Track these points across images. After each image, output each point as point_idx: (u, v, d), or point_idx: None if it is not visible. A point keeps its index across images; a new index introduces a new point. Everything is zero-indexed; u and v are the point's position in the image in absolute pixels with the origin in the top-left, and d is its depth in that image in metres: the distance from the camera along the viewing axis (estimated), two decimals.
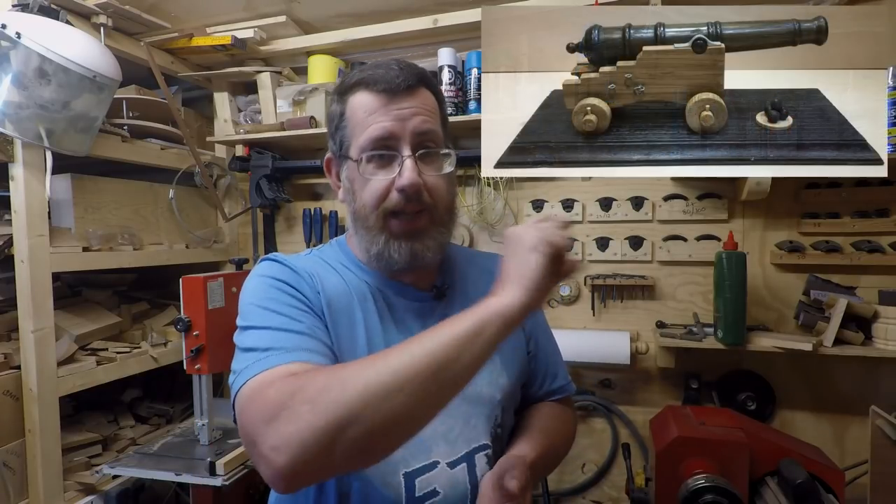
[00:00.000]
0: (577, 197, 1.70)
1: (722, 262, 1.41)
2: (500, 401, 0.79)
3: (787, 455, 1.18)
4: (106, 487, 1.49)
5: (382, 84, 0.70)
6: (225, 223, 2.01)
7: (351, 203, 0.76)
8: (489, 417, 0.77)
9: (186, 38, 1.72)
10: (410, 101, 0.71)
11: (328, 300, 0.73)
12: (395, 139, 0.70)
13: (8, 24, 1.21)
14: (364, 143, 0.71)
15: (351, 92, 0.74)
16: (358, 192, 0.73)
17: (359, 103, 0.72)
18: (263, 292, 0.71)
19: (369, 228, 0.73)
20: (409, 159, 0.70)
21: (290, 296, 0.70)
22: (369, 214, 0.73)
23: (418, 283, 0.80)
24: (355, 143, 0.72)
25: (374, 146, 0.70)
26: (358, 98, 0.72)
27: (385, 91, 0.70)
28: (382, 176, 0.71)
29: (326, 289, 0.75)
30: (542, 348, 0.92)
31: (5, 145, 1.30)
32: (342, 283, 0.77)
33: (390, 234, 0.73)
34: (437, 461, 0.72)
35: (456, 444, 0.74)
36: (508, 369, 0.82)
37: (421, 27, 1.65)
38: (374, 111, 0.71)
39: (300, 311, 0.69)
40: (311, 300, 0.71)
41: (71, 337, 1.47)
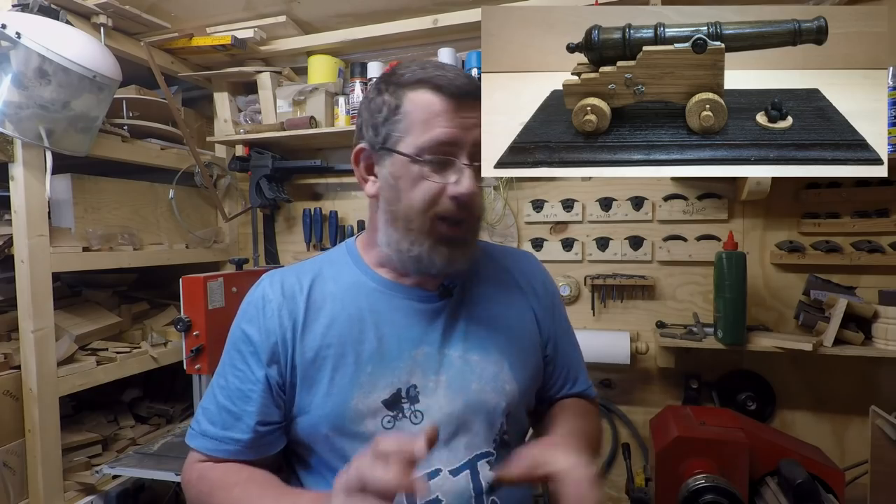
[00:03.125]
0: (577, 197, 1.70)
1: (722, 262, 1.41)
2: (506, 408, 0.77)
3: (787, 455, 1.18)
4: (106, 487, 1.49)
5: (453, 89, 0.70)
6: (225, 223, 2.01)
7: (391, 201, 0.73)
8: (492, 425, 0.76)
9: (186, 38, 1.72)
10: (472, 111, 0.71)
11: (316, 314, 0.76)
12: (457, 146, 0.70)
13: (8, 24, 1.21)
14: (426, 143, 0.70)
15: (412, 88, 0.72)
16: (405, 190, 0.71)
17: (423, 101, 0.70)
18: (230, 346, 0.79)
19: (411, 230, 0.72)
20: (469, 168, 0.70)
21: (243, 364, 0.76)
22: (416, 216, 0.71)
23: (425, 284, 0.80)
24: (411, 141, 0.70)
25: (437, 150, 0.70)
26: (422, 96, 0.71)
27: (454, 97, 0.70)
28: (437, 179, 0.70)
29: (321, 301, 0.77)
30: (562, 351, 0.90)
31: (5, 145, 1.30)
32: (347, 288, 0.78)
33: (437, 239, 0.72)
34: (438, 469, 0.71)
35: (457, 452, 0.73)
36: (518, 375, 0.80)
37: (421, 27, 1.65)
38: (439, 114, 0.70)
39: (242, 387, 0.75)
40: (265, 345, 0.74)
41: (71, 337, 1.47)
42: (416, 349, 0.76)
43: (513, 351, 0.80)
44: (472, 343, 0.78)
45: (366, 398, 0.72)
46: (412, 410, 0.73)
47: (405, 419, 0.73)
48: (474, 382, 0.76)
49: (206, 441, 0.75)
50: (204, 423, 0.76)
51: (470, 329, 0.79)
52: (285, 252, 2.02)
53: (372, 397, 0.73)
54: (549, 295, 0.91)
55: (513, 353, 0.80)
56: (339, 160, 1.93)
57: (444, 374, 0.75)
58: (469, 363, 0.77)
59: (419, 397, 0.74)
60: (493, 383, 0.77)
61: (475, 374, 0.76)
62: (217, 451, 0.75)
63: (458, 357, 0.77)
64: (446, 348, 0.77)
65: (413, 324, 0.77)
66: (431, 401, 0.74)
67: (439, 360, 0.76)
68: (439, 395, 0.74)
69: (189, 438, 0.78)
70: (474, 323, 0.80)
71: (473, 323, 0.80)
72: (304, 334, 0.75)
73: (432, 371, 0.75)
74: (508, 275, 0.88)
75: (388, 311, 0.77)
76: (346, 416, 0.72)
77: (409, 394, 0.74)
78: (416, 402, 0.74)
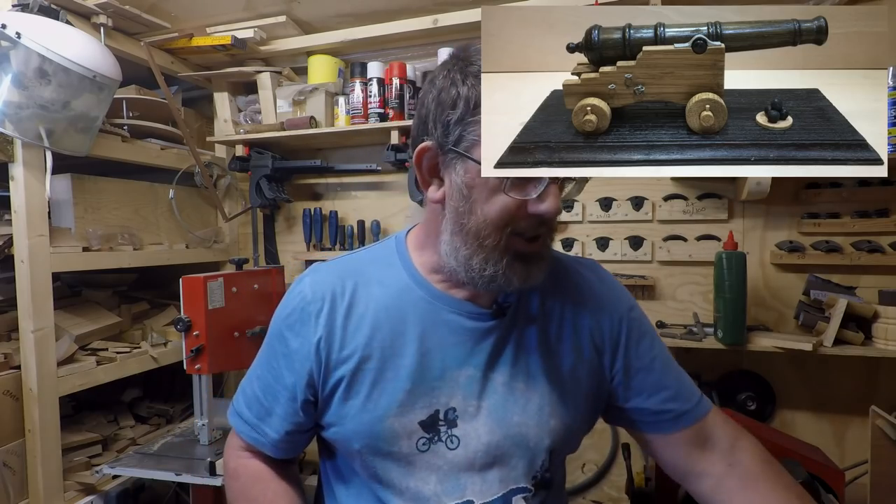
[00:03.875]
0: (577, 197, 1.70)
1: (722, 262, 1.41)
2: (550, 446, 0.71)
3: (787, 455, 1.18)
4: (106, 487, 1.49)
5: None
6: (225, 223, 2.01)
7: (462, 212, 0.65)
8: (532, 461, 0.71)
9: (186, 38, 1.72)
10: None
11: (359, 321, 0.72)
12: None
13: (8, 24, 1.21)
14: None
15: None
16: (479, 202, 0.63)
17: None
18: (271, 338, 0.78)
19: (484, 246, 0.65)
20: (555, 186, 0.63)
21: (277, 363, 0.76)
22: (492, 232, 0.64)
23: (477, 298, 0.73)
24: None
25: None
26: None
27: None
28: (517, 194, 0.62)
29: (365, 305, 0.72)
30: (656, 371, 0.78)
31: (5, 145, 1.30)
32: (392, 294, 0.73)
33: (514, 256, 0.65)
34: (471, 500, 0.68)
35: (492, 484, 0.69)
36: (567, 412, 0.73)
37: (421, 27, 1.65)
38: None
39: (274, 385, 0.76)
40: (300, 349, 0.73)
41: (71, 337, 1.47)
42: (459, 370, 0.71)
43: (564, 383, 0.74)
44: (520, 369, 0.72)
45: (402, 417, 0.69)
46: (448, 435, 0.69)
47: (441, 443, 0.69)
48: (517, 415, 0.71)
49: (243, 425, 0.79)
50: (241, 404, 0.80)
51: (520, 354, 0.73)
52: (285, 252, 2.02)
53: (409, 417, 0.69)
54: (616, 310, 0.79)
55: (564, 386, 0.73)
56: (339, 160, 1.94)
57: (486, 401, 0.70)
58: (514, 392, 0.71)
59: (457, 421, 0.70)
60: (536, 417, 0.71)
61: (518, 406, 0.71)
62: (251, 439, 0.78)
63: (503, 384, 0.71)
64: (491, 372, 0.71)
65: (460, 342, 0.71)
66: (470, 427, 0.70)
67: (482, 385, 0.71)
68: (479, 422, 0.70)
69: (230, 415, 0.82)
70: (525, 348, 0.73)
71: (524, 348, 0.73)
72: (344, 343, 0.71)
73: (473, 396, 0.70)
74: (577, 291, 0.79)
75: (435, 325, 0.71)
76: (380, 436, 0.69)
77: (447, 417, 0.70)
78: (453, 426, 0.70)
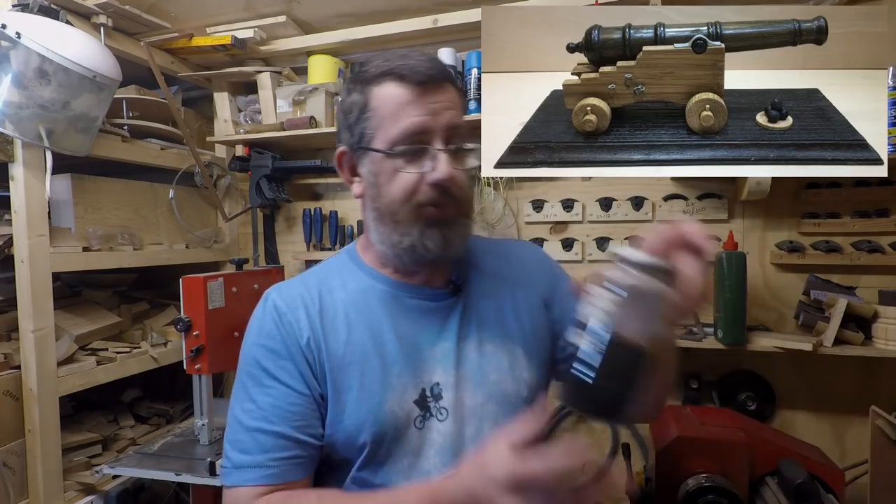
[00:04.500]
0: (577, 197, 1.70)
1: (722, 262, 1.41)
2: (527, 397, 0.77)
3: (787, 455, 1.18)
4: (106, 487, 1.49)
5: (416, 76, 0.69)
6: (225, 223, 2.01)
7: (375, 198, 0.73)
8: (514, 415, 0.72)
9: (186, 38, 1.72)
10: (442, 94, 0.70)
11: (333, 321, 0.74)
12: (429, 133, 0.69)
13: (8, 24, 1.21)
14: (396, 135, 0.69)
15: (377, 82, 0.71)
16: (384, 185, 0.71)
17: (388, 94, 0.70)
18: (250, 368, 0.74)
19: (399, 222, 0.71)
20: (444, 153, 0.69)
21: (271, 380, 0.72)
22: (399, 208, 0.70)
23: (432, 281, 0.78)
24: (383, 136, 0.70)
25: (408, 140, 0.69)
26: (387, 89, 0.70)
27: (419, 83, 0.69)
28: (413, 169, 0.69)
29: (334, 308, 0.75)
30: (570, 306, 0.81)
31: (5, 145, 1.30)
32: (357, 293, 0.77)
33: (425, 223, 0.71)
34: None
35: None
36: (533, 360, 0.79)
37: (421, 27, 1.65)
38: (406, 103, 0.69)
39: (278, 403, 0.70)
40: (291, 353, 0.72)
41: (71, 337, 1.47)
42: (434, 347, 0.75)
43: (525, 338, 0.80)
44: (486, 334, 0.78)
45: (399, 400, 0.72)
46: (437, 408, 0.73)
47: (432, 418, 0.73)
48: (493, 373, 0.76)
49: (245, 473, 0.68)
50: (237, 456, 0.70)
51: (483, 322, 0.78)
52: (285, 252, 2.02)
53: (405, 398, 0.72)
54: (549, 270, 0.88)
55: (525, 340, 0.80)
56: None
57: (463, 369, 0.75)
58: (485, 354, 0.76)
59: (442, 394, 0.74)
60: (510, 372, 0.76)
61: (492, 365, 0.76)
62: (265, 479, 0.68)
63: (474, 349, 0.76)
64: (462, 343, 0.76)
65: (429, 323, 0.76)
66: (454, 396, 0.74)
67: (457, 355, 0.75)
68: (461, 389, 0.74)
69: (225, 478, 0.70)
70: (485, 314, 0.79)
71: (484, 314, 0.79)
72: (326, 342, 0.73)
73: (451, 366, 0.74)
74: (509, 264, 0.87)
75: (402, 312, 0.76)
76: (386, 421, 0.70)
77: (433, 392, 0.73)
78: (439, 399, 0.73)
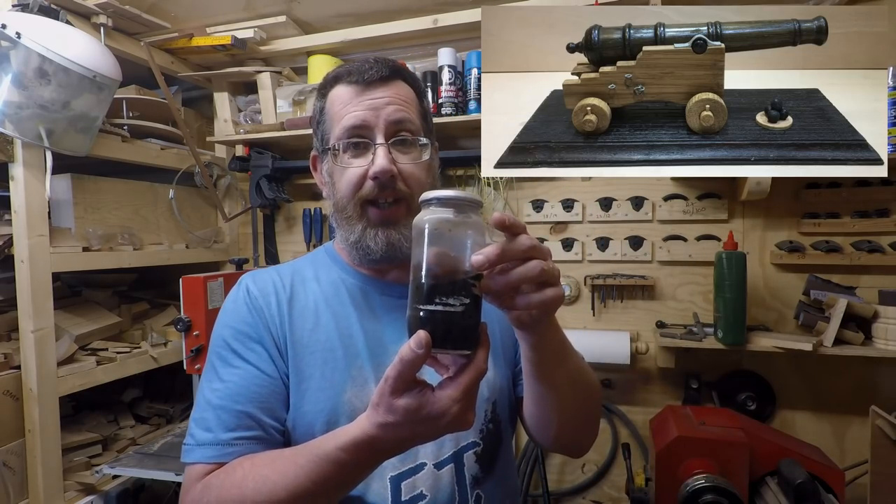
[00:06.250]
0: (577, 197, 1.70)
1: (722, 262, 1.41)
2: (489, 397, 0.77)
3: (787, 455, 1.18)
4: (106, 487, 1.49)
5: (356, 76, 0.73)
6: (225, 223, 2.01)
7: (331, 195, 0.77)
8: (476, 415, 0.74)
9: (186, 38, 1.72)
10: (384, 91, 0.73)
11: (302, 310, 0.75)
12: (369, 128, 0.71)
13: (8, 24, 1.21)
14: (339, 133, 0.72)
15: (330, 87, 0.76)
16: (337, 183, 0.75)
17: (336, 96, 0.74)
18: (220, 349, 0.74)
19: (348, 218, 0.74)
20: (382, 147, 0.71)
21: (239, 360, 0.71)
22: (346, 204, 0.74)
23: (402, 278, 0.76)
24: (332, 135, 0.74)
25: (348, 135, 0.72)
26: (335, 92, 0.75)
27: (358, 82, 0.72)
28: (357, 164, 0.72)
29: (304, 297, 0.77)
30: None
31: (5, 145, 1.30)
32: (329, 285, 0.79)
33: (368, 223, 0.73)
34: (423, 462, 0.71)
35: (443, 445, 0.73)
36: (497, 359, 0.80)
37: (421, 27, 1.65)
38: (347, 102, 0.72)
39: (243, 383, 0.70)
40: (261, 336, 0.72)
41: (71, 337, 1.47)
42: (399, 342, 0.72)
43: (492, 336, 0.77)
44: None
45: (360, 392, 0.72)
46: None
47: None
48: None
49: (206, 450, 0.67)
50: (200, 434, 0.68)
51: None
52: (285, 252, 2.02)
53: (365, 391, 0.72)
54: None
55: (492, 339, 0.78)
56: None
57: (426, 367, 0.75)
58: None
59: None
60: None
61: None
62: (223, 456, 0.66)
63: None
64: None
65: (395, 319, 0.77)
66: None
67: None
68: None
69: (185, 455, 0.68)
70: None
71: None
72: (292, 328, 0.74)
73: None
74: None
75: (371, 308, 0.77)
76: (341, 411, 0.70)
77: None
78: None
